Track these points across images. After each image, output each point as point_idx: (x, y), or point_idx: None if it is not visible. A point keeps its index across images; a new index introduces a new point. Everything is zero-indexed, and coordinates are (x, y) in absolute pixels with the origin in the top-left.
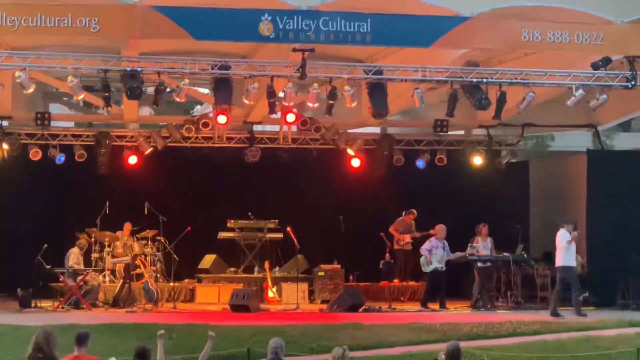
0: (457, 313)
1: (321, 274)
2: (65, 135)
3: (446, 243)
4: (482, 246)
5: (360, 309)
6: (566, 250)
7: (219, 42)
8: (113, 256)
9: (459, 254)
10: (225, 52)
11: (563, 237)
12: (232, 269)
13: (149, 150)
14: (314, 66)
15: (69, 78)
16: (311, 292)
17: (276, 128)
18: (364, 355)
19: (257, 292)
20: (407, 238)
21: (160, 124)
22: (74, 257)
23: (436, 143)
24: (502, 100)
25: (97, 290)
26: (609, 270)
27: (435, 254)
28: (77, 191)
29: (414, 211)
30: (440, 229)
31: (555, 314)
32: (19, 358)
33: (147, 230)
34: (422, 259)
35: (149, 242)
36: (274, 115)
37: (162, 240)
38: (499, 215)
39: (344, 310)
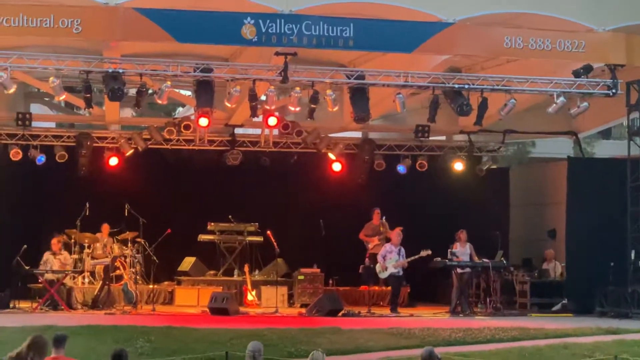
0: (436, 318)
1: (301, 277)
2: (46, 136)
3: (402, 249)
4: (461, 252)
5: (340, 314)
6: None
7: (201, 45)
8: (92, 258)
9: (423, 254)
10: (207, 54)
11: None
12: (211, 272)
13: (130, 152)
14: (296, 70)
15: (51, 79)
16: (290, 296)
17: (258, 131)
18: None
19: (236, 295)
20: (375, 240)
21: (142, 125)
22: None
23: (417, 148)
24: (483, 106)
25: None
26: (587, 277)
27: (389, 259)
28: (57, 192)
29: (377, 211)
30: (395, 234)
31: None
32: None
33: (127, 232)
34: (377, 266)
35: (129, 244)
36: (255, 119)
37: (142, 242)
38: (479, 221)
39: (323, 314)
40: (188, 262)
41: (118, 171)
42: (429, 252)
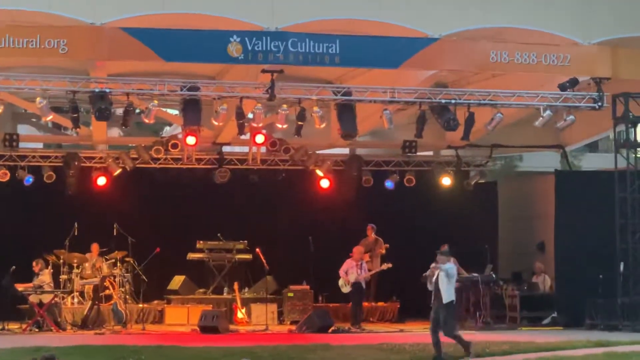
0: (426, 333)
1: (290, 294)
2: (33, 157)
3: (363, 263)
4: None
5: (330, 330)
6: None
7: (188, 64)
8: (82, 277)
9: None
10: (194, 73)
11: None
12: (201, 290)
13: (117, 172)
14: (283, 87)
15: (38, 99)
16: (280, 313)
17: (245, 149)
18: None
19: (226, 313)
20: (367, 257)
21: (129, 145)
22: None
23: (405, 164)
24: (470, 121)
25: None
26: (576, 290)
27: (352, 273)
28: (46, 212)
29: (371, 227)
30: (356, 250)
31: None
32: None
33: (116, 252)
34: (340, 281)
35: (118, 264)
36: (243, 137)
37: (131, 262)
38: (467, 235)
39: (313, 331)
40: (177, 281)
41: (106, 191)
42: (390, 265)
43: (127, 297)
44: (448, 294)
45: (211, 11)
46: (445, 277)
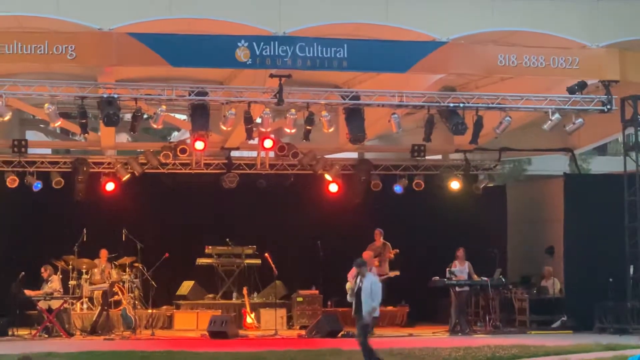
0: (436, 338)
1: (299, 299)
2: (42, 163)
3: (373, 268)
4: (460, 270)
5: (339, 335)
6: None
7: (196, 69)
8: (91, 283)
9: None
10: (202, 78)
11: None
12: (210, 295)
13: (126, 177)
14: (291, 92)
15: (46, 105)
16: (290, 318)
17: (254, 154)
18: None
19: (235, 318)
20: (375, 262)
21: (138, 150)
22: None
23: (413, 168)
24: (478, 124)
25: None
26: (586, 294)
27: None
28: (55, 218)
29: (379, 231)
30: (365, 255)
31: None
32: None
33: (125, 257)
34: (347, 285)
35: (127, 269)
36: (251, 141)
37: (140, 267)
38: (476, 239)
39: (322, 336)
40: (186, 286)
41: (115, 196)
42: (397, 272)
43: (136, 302)
44: (367, 308)
45: (219, 16)
46: (366, 291)
